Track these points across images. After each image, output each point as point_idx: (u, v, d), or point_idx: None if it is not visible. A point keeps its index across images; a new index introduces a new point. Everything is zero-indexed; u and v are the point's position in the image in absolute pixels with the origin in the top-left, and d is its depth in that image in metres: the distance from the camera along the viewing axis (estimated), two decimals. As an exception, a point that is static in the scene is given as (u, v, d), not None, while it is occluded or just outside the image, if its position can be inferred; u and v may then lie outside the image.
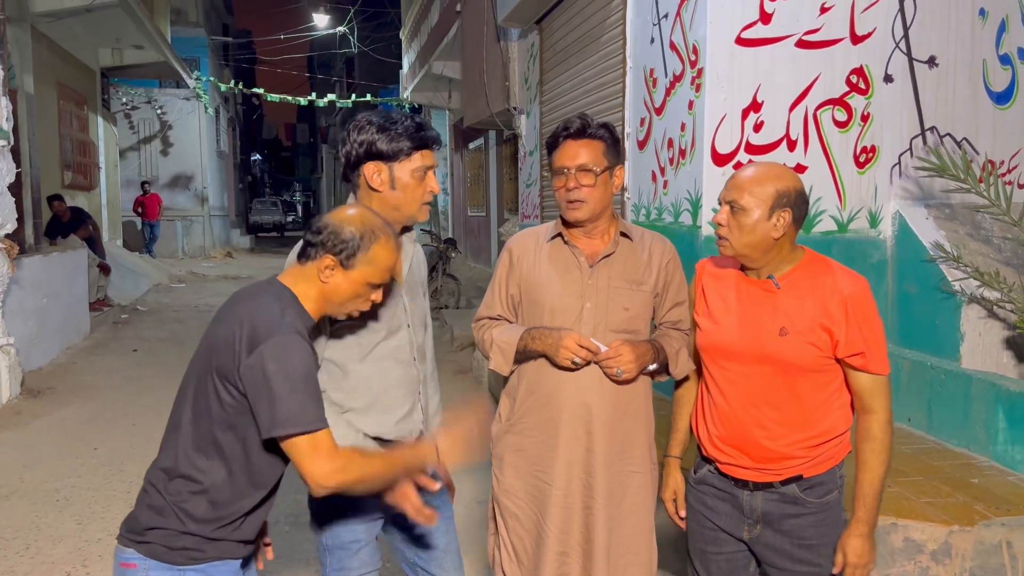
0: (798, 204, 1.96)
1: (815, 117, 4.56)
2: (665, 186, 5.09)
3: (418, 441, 1.84)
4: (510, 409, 2.39)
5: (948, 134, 4.74)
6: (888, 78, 4.63)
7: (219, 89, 23.10)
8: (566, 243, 2.32)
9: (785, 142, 4.53)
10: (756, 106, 4.50)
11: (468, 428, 2.03)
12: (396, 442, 2.13)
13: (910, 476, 3.43)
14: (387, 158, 2.06)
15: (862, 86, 4.60)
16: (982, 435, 3.70)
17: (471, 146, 15.28)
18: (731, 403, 2.08)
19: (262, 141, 50.92)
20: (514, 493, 2.35)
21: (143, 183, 20.19)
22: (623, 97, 5.81)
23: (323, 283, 1.80)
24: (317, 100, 20.55)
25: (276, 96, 21.19)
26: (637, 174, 5.58)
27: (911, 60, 4.65)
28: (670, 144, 4.99)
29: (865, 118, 4.63)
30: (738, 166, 4.48)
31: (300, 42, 30.23)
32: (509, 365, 2.31)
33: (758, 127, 4.51)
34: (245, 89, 22.32)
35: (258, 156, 45.23)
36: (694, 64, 4.64)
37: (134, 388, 7.07)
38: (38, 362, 7.63)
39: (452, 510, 2.33)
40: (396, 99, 19.93)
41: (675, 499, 2.31)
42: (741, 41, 4.48)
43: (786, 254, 2.01)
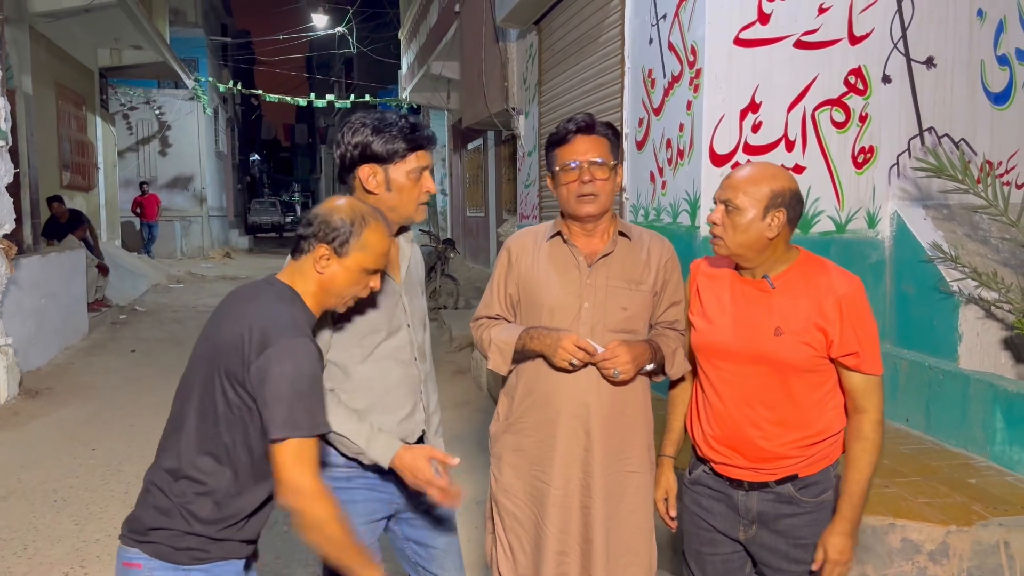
0: (793, 204, 1.97)
1: (813, 118, 4.56)
2: (663, 186, 5.10)
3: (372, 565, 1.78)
4: (508, 408, 2.39)
5: (946, 134, 4.74)
6: (886, 79, 4.63)
7: (218, 89, 23.11)
8: (565, 242, 2.31)
9: (783, 143, 4.54)
10: (754, 107, 4.50)
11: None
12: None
13: (908, 476, 3.44)
14: (382, 160, 2.05)
15: (860, 87, 4.60)
16: (980, 435, 3.70)
17: (470, 147, 15.28)
18: (726, 403, 2.08)
19: (261, 141, 50.88)
20: (512, 492, 2.35)
21: (142, 183, 20.21)
22: (621, 97, 5.81)
23: (320, 274, 1.81)
24: (316, 101, 20.54)
25: (274, 96, 21.20)
26: (635, 174, 5.58)
27: (909, 61, 4.66)
28: (668, 144, 5.00)
29: (863, 118, 4.63)
30: (736, 167, 4.48)
31: (299, 43, 30.25)
32: (507, 365, 2.31)
33: (756, 127, 4.52)
34: (244, 89, 22.32)
35: (257, 156, 45.19)
36: (692, 64, 4.64)
37: (132, 389, 7.06)
38: (36, 362, 7.63)
39: (452, 510, 2.33)
40: (395, 99, 19.92)
41: (667, 499, 2.31)
42: (739, 42, 4.48)
43: (781, 254, 2.02)
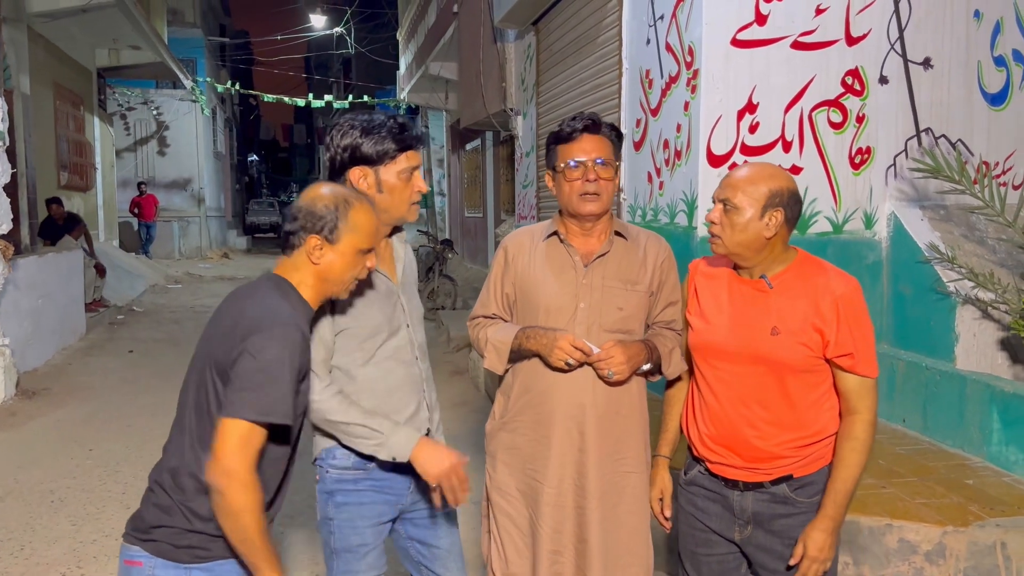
0: (791, 204, 1.97)
1: (810, 118, 4.57)
2: (661, 187, 5.10)
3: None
4: (504, 407, 2.39)
5: (943, 135, 4.75)
6: (883, 79, 4.64)
7: (216, 90, 23.09)
8: (562, 241, 2.31)
9: (780, 143, 4.54)
10: (751, 107, 4.51)
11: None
12: None
13: (905, 477, 3.44)
14: (372, 162, 2.05)
15: (857, 87, 4.61)
16: (976, 436, 3.71)
17: (468, 147, 15.28)
18: (721, 402, 2.08)
19: (259, 142, 50.84)
20: (506, 491, 2.35)
21: (139, 184, 20.20)
22: (619, 98, 5.82)
23: (315, 264, 1.81)
24: (314, 101, 20.51)
25: (272, 97, 21.17)
26: (633, 175, 5.59)
27: (906, 61, 4.66)
28: (666, 145, 5.00)
29: (860, 119, 4.63)
30: (733, 167, 4.49)
31: (297, 43, 30.22)
32: (504, 364, 2.31)
33: (753, 128, 4.52)
34: (242, 90, 22.30)
35: (255, 157, 45.14)
36: (690, 65, 4.65)
37: (130, 389, 7.06)
38: (33, 363, 7.62)
39: (454, 510, 2.33)
40: (393, 100, 19.89)
41: (662, 499, 2.30)
42: (736, 42, 4.48)
43: (778, 254, 2.02)
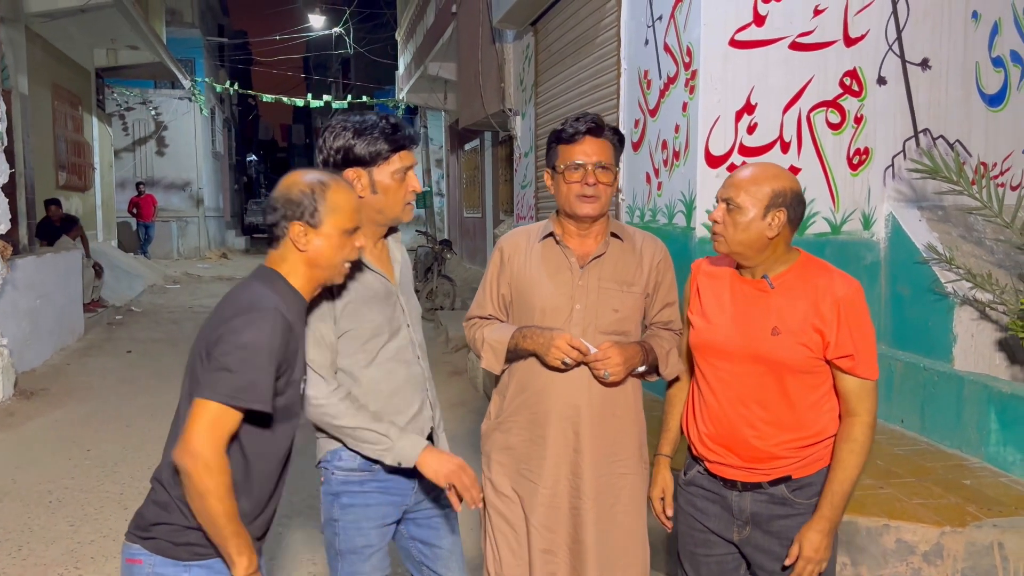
0: (794, 205, 1.97)
1: (808, 119, 4.57)
2: (659, 187, 5.10)
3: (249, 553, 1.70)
4: (499, 407, 2.39)
5: (941, 136, 4.75)
6: (881, 80, 4.64)
7: (214, 90, 23.08)
8: (558, 243, 2.31)
9: (778, 144, 4.54)
10: (750, 108, 4.51)
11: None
12: None
13: (902, 477, 3.44)
14: (365, 163, 2.05)
15: (855, 88, 4.61)
16: (974, 436, 3.71)
17: (467, 147, 15.27)
18: (721, 401, 2.08)
19: (258, 142, 50.77)
20: (501, 491, 2.35)
21: (138, 184, 20.19)
22: (617, 99, 5.81)
23: (303, 251, 1.79)
24: (312, 101, 20.50)
25: (271, 97, 21.16)
26: (631, 175, 5.59)
27: (904, 62, 4.67)
28: (664, 146, 5.00)
29: (858, 120, 4.64)
30: (732, 168, 4.49)
31: (296, 43, 30.23)
32: (500, 364, 2.31)
33: (752, 129, 4.52)
34: (240, 90, 22.29)
35: (254, 157, 45.09)
36: (688, 66, 4.65)
37: (128, 389, 7.05)
38: (31, 363, 7.61)
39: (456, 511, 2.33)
40: (392, 100, 19.89)
41: (663, 498, 2.30)
42: (735, 43, 4.48)
43: (781, 254, 2.02)
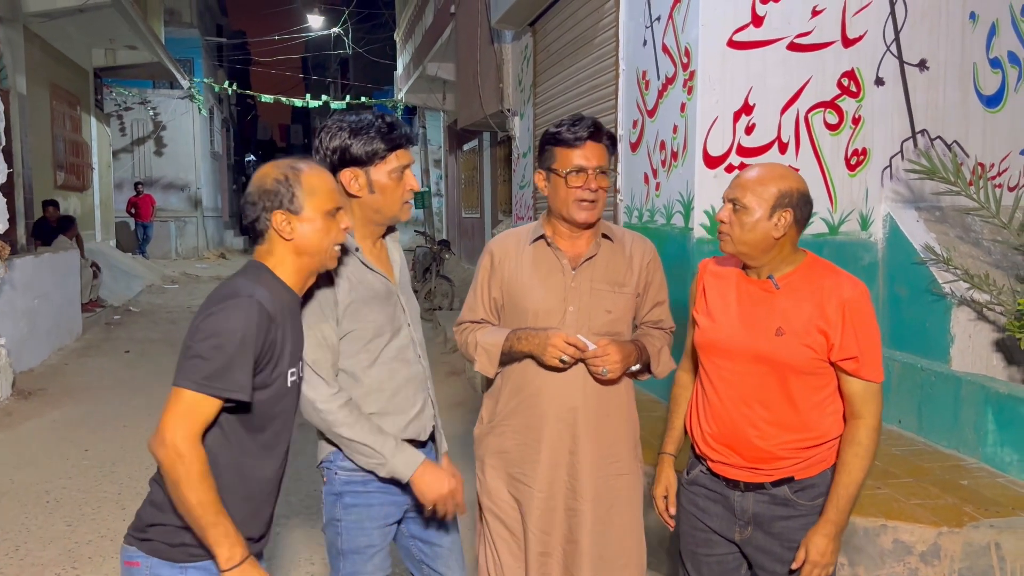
0: (800, 205, 1.97)
1: (806, 119, 4.57)
2: (657, 188, 5.10)
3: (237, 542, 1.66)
4: (492, 411, 2.38)
5: (939, 137, 4.76)
6: (879, 81, 4.65)
7: (213, 90, 23.07)
8: (549, 245, 2.30)
9: (776, 144, 4.54)
10: (748, 108, 4.51)
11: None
12: (412, 442, 2.13)
13: (900, 478, 3.45)
14: (362, 163, 2.04)
15: (853, 89, 4.62)
16: (972, 437, 3.71)
17: (465, 148, 15.27)
18: (724, 401, 2.08)
19: (256, 142, 50.70)
20: (496, 495, 2.35)
21: (136, 184, 20.18)
22: (616, 99, 5.81)
23: (289, 240, 1.77)
24: (310, 102, 20.50)
25: (269, 97, 21.15)
26: (629, 176, 5.59)
27: (902, 63, 4.67)
28: (662, 146, 5.00)
29: (856, 121, 4.64)
30: (730, 168, 4.50)
31: (295, 43, 30.21)
32: (495, 367, 2.31)
33: (750, 129, 4.52)
34: (239, 90, 22.28)
35: (252, 157, 45.01)
36: (686, 66, 4.65)
37: (126, 390, 7.04)
38: (29, 363, 7.60)
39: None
40: (391, 100, 19.89)
41: (666, 496, 2.29)
42: (733, 44, 4.48)
43: (787, 255, 2.02)
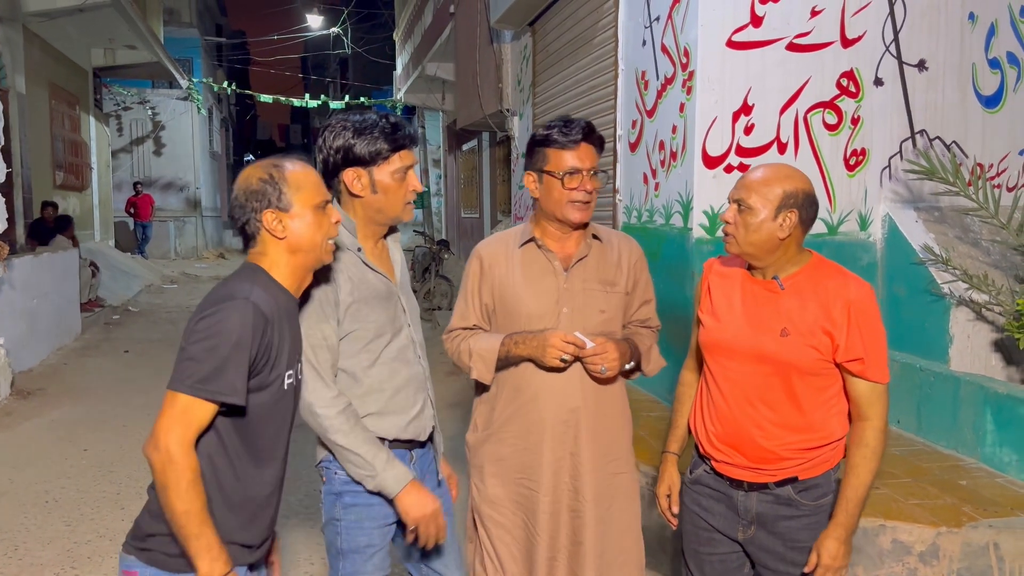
0: (805, 206, 1.97)
1: (805, 120, 4.57)
2: (656, 188, 5.10)
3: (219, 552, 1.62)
4: (488, 417, 2.36)
5: (938, 137, 4.76)
6: (878, 81, 4.65)
7: (212, 90, 23.06)
8: (539, 247, 2.29)
9: (775, 145, 4.54)
10: (747, 109, 4.51)
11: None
12: (411, 442, 2.14)
13: (899, 478, 3.45)
14: (365, 163, 2.03)
15: (852, 89, 4.62)
16: (970, 437, 3.71)
17: (464, 148, 15.27)
18: (729, 401, 2.08)
19: (256, 142, 50.70)
20: (498, 503, 2.33)
21: (135, 184, 20.16)
22: (615, 99, 5.81)
23: (282, 238, 1.74)
24: (309, 101, 20.50)
25: (269, 97, 21.15)
26: (628, 176, 5.59)
27: (901, 63, 4.67)
28: (661, 146, 5.00)
29: (855, 121, 4.64)
30: (729, 169, 4.50)
31: (294, 43, 30.22)
32: (492, 373, 2.29)
33: (749, 130, 4.52)
34: (238, 89, 22.28)
35: (251, 157, 45.01)
36: (685, 67, 4.65)
37: (125, 390, 7.04)
38: (28, 363, 7.60)
39: (452, 506, 2.33)
40: (390, 100, 19.89)
41: (669, 495, 2.29)
42: (732, 44, 4.48)
43: (792, 255, 2.02)
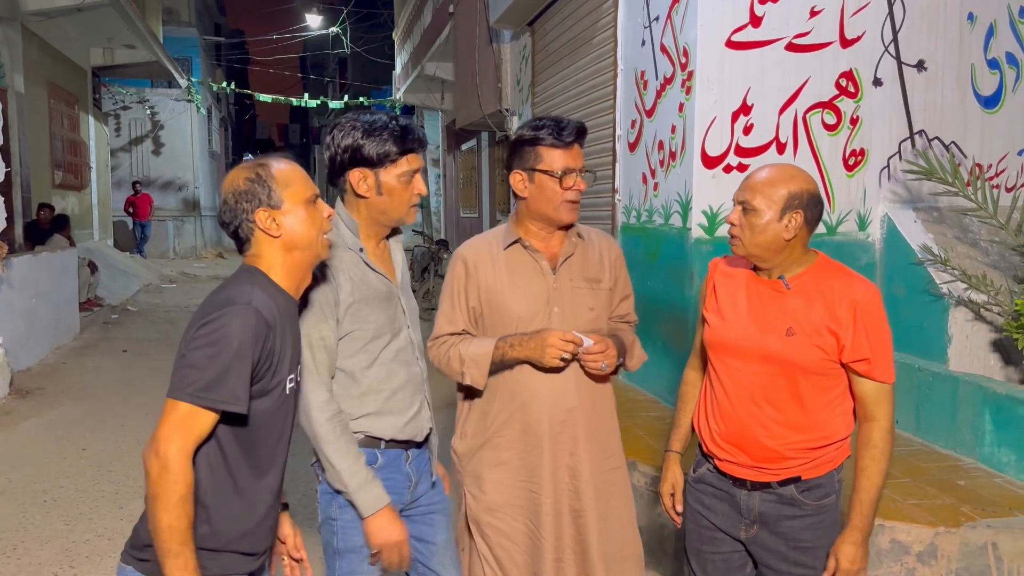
0: (811, 206, 1.97)
1: (804, 120, 4.58)
2: (655, 188, 5.10)
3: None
4: (481, 424, 2.33)
5: (936, 138, 4.76)
6: (877, 81, 4.65)
7: (211, 89, 23.06)
8: (526, 248, 2.29)
9: (775, 145, 4.55)
10: (746, 109, 4.51)
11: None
12: (408, 442, 2.13)
13: (897, 478, 3.45)
14: (373, 164, 2.02)
15: (851, 89, 4.62)
16: (969, 437, 3.72)
17: (463, 147, 15.27)
18: (733, 400, 2.08)
19: (255, 141, 50.71)
20: (498, 509, 2.30)
21: (134, 183, 20.16)
22: (614, 99, 5.81)
23: (277, 237, 1.71)
24: (308, 101, 20.51)
25: (267, 96, 21.16)
26: (628, 176, 5.59)
27: (900, 64, 4.68)
28: (660, 146, 5.00)
29: (854, 121, 4.65)
30: (728, 169, 4.50)
31: (293, 42, 30.21)
32: (485, 378, 2.26)
33: (748, 130, 4.53)
34: (237, 89, 22.29)
35: (250, 156, 44.89)
36: (684, 67, 4.65)
37: (123, 389, 7.04)
38: (27, 362, 7.59)
39: (448, 506, 2.32)
40: (389, 100, 19.90)
41: (673, 494, 2.29)
42: (731, 44, 4.49)
43: (798, 256, 2.02)
